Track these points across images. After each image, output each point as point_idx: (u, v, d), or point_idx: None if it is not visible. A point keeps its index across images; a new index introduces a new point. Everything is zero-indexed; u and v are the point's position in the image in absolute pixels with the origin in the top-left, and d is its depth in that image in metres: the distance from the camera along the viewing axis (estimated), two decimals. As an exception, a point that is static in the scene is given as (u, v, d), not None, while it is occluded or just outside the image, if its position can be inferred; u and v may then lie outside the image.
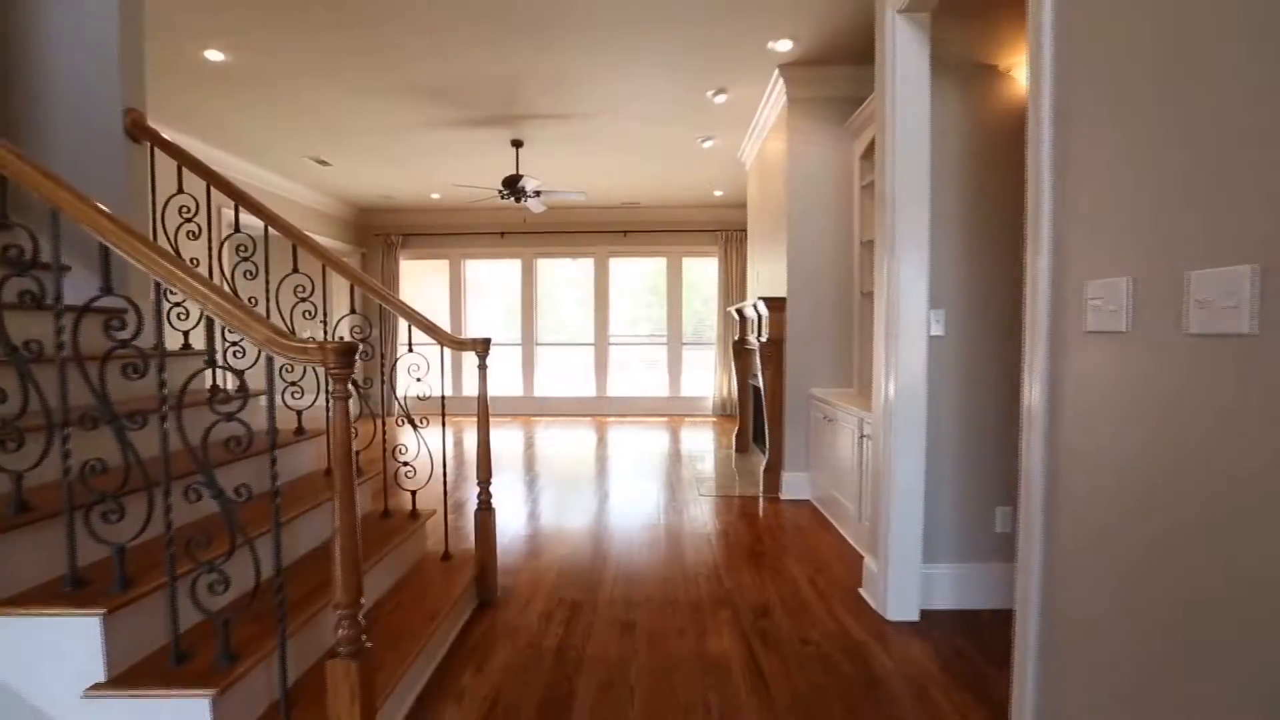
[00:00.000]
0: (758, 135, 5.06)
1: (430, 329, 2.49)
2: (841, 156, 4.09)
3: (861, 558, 3.02)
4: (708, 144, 5.50)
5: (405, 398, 2.51)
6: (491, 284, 8.93)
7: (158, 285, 1.39)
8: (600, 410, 8.61)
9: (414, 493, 2.60)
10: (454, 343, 2.50)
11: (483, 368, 2.51)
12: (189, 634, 1.49)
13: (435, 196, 7.64)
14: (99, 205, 1.36)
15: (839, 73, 4.00)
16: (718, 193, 7.47)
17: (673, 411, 8.56)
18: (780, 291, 4.30)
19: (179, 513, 1.47)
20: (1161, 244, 1.09)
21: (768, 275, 4.95)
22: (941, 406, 2.45)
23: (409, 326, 2.54)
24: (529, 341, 8.68)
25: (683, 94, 4.41)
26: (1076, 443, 1.32)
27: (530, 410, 8.67)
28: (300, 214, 7.27)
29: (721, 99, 4.45)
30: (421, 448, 2.46)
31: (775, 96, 4.27)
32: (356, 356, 1.38)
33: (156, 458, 1.43)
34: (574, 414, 8.57)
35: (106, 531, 1.41)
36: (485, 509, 2.55)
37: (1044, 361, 1.40)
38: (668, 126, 5.09)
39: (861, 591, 2.63)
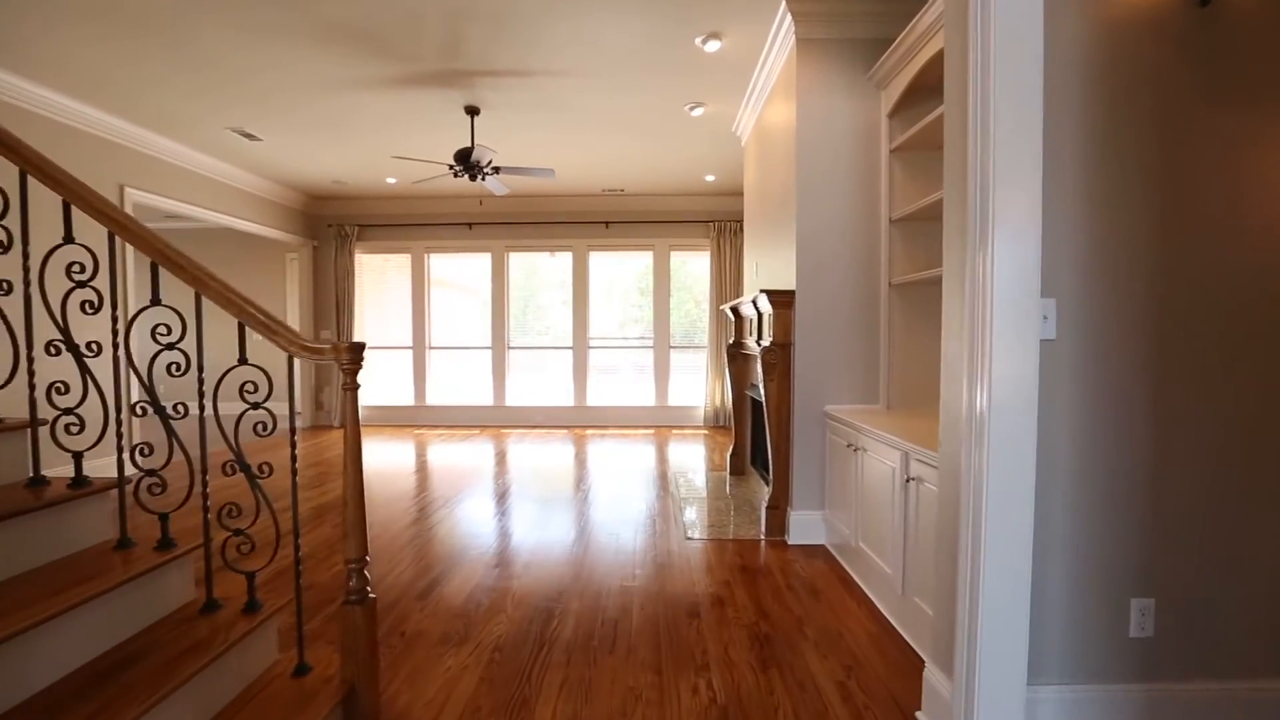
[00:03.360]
0: (757, 99, 4.23)
1: (269, 328, 1.63)
2: (864, 114, 3.26)
3: (905, 641, 2.19)
4: (697, 112, 4.66)
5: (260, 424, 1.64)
6: (474, 282, 7.97)
7: None
8: (579, 421, 7.74)
9: (252, 575, 1.73)
10: (307, 349, 1.64)
11: (350, 387, 1.65)
12: None
13: (391, 181, 6.76)
14: None
15: (862, 7, 3.17)
16: (709, 178, 6.63)
17: (660, 422, 7.71)
18: (787, 285, 3.46)
19: None
20: None
21: (770, 269, 4.12)
22: (1049, 447, 1.61)
23: (241, 326, 1.67)
24: (500, 344, 7.80)
25: (665, 41, 3.57)
26: None
27: (502, 421, 7.79)
28: (241, 202, 6.38)
29: (714, 46, 3.61)
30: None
31: (781, 40, 3.43)
32: None
33: None
34: (550, 425, 7.70)
35: None
36: (358, 601, 1.68)
37: None
38: (649, 89, 4.25)
39: (921, 719, 1.78)
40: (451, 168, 4.63)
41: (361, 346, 1.64)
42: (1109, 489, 1.63)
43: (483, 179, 4.77)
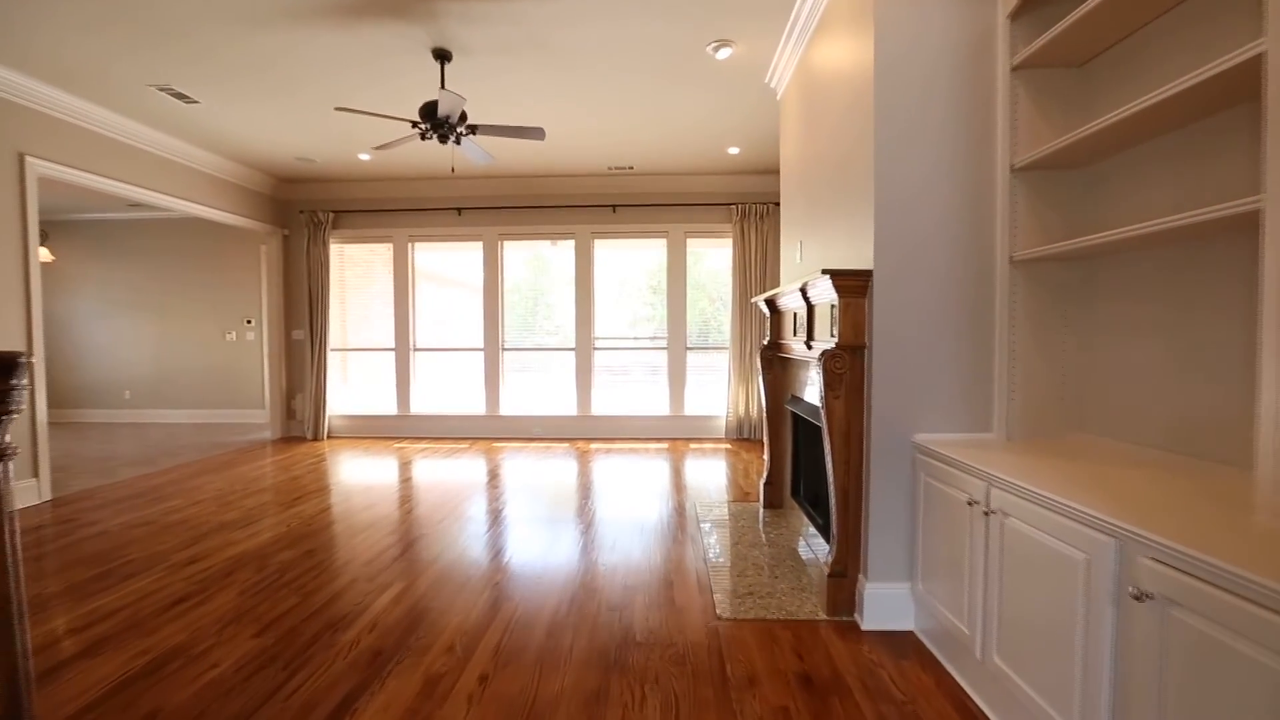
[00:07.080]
0: (802, 32, 3.27)
1: None
2: (971, 19, 2.30)
3: None
4: (723, 54, 3.70)
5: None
6: (466, 276, 7.03)
7: None
8: (583, 432, 6.81)
9: None
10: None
11: (-15, 460, 0.72)
12: None
13: (364, 158, 5.86)
14: None
15: None
16: (733, 150, 5.67)
17: (674, 434, 6.76)
18: (854, 266, 2.51)
19: None
20: None
21: (820, 250, 3.16)
22: None
23: None
24: (494, 345, 6.89)
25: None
26: None
27: (495, 432, 6.87)
28: (192, 182, 5.51)
29: (752, -58, 2.66)
30: None
31: (848, -78, 2.48)
32: None
33: None
34: (550, 438, 6.78)
35: None
36: None
37: None
38: (660, 16, 3.30)
39: None
40: (416, 125, 3.71)
41: (10, 365, 0.72)
42: None
43: (457, 142, 3.85)
